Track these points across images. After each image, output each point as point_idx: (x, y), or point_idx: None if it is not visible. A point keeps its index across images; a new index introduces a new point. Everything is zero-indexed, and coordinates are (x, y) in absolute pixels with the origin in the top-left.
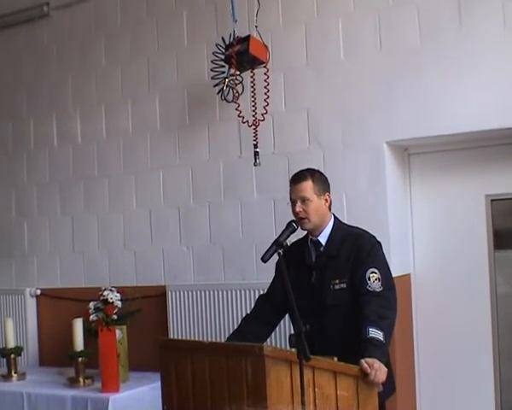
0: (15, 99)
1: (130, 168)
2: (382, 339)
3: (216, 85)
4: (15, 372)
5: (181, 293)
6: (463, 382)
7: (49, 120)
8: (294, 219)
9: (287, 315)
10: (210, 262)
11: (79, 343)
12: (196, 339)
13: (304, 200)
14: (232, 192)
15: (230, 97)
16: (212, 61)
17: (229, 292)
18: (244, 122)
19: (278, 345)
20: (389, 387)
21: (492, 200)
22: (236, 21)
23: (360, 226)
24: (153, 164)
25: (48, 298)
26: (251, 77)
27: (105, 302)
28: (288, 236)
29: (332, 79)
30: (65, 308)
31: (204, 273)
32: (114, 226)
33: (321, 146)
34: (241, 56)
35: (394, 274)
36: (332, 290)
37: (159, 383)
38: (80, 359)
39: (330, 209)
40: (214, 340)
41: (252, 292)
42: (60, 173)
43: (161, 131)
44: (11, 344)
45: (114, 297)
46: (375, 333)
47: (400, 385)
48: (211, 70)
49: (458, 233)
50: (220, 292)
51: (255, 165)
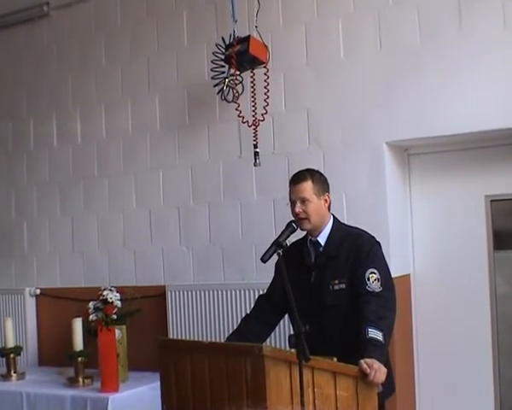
0: (15, 99)
1: (129, 168)
2: (382, 339)
3: (216, 85)
4: (15, 372)
5: (180, 293)
6: (463, 382)
7: (49, 120)
8: (294, 219)
9: (286, 315)
10: (210, 262)
11: (79, 343)
12: (196, 339)
13: (303, 200)
14: (232, 192)
15: (230, 97)
16: (212, 61)
17: (228, 292)
18: (244, 122)
19: (278, 345)
20: (389, 387)
21: (492, 200)
22: (236, 21)
23: (360, 227)
24: (152, 164)
25: (47, 298)
26: (251, 77)
27: (104, 302)
28: (288, 236)
29: (332, 80)
30: (64, 308)
31: (204, 273)
32: (114, 226)
33: (321, 146)
34: (241, 56)
35: (394, 274)
36: (331, 291)
37: (158, 382)
38: (80, 358)
39: (330, 210)
40: (214, 340)
41: (251, 292)
42: (60, 173)
43: (161, 131)
44: (10, 344)
45: (114, 297)
46: (375, 333)
47: (400, 385)
48: (211, 70)
49: (458, 234)
50: (220, 292)
51: (255, 165)
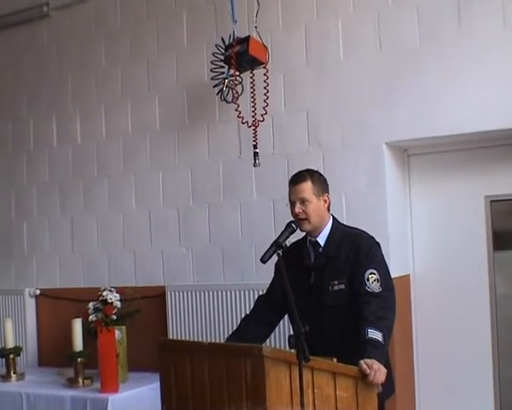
0: (15, 99)
1: (129, 169)
2: (381, 340)
3: (215, 86)
4: (14, 373)
5: (180, 293)
6: (463, 382)
7: (49, 120)
8: (293, 219)
9: (286, 316)
10: (209, 263)
11: (78, 344)
12: (196, 340)
13: (303, 201)
14: (231, 193)
15: (230, 98)
16: (212, 62)
17: (228, 293)
18: (244, 123)
19: (277, 346)
20: (388, 388)
21: (492, 201)
22: (236, 22)
23: (359, 227)
24: (152, 164)
25: (47, 298)
26: (250, 77)
27: (104, 303)
28: (288, 236)
29: (332, 80)
30: (64, 309)
31: (203, 274)
32: (114, 227)
33: (320, 147)
34: (241, 57)
35: (394, 275)
36: (331, 291)
37: (158, 383)
38: (79, 359)
39: (329, 210)
40: (213, 340)
41: (251, 293)
42: (59, 174)
43: (161, 131)
44: (10, 344)
45: (114, 298)
46: (374, 334)
47: (400, 386)
48: (210, 70)
49: (458, 234)
50: (219, 293)
51: (255, 165)
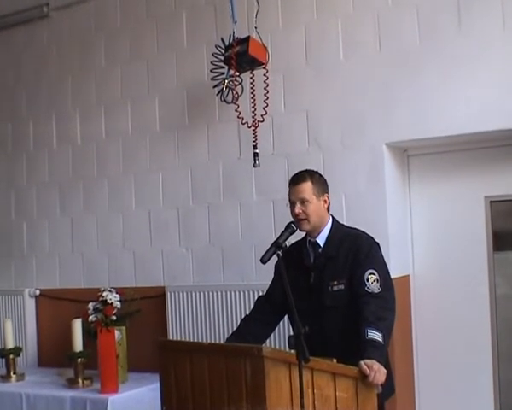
0: (15, 99)
1: (129, 169)
2: (381, 340)
3: (215, 86)
4: (14, 373)
5: (180, 294)
6: (463, 383)
7: (49, 121)
8: (293, 220)
9: (286, 316)
10: (209, 263)
11: (78, 344)
12: (195, 340)
13: (303, 201)
14: (231, 193)
15: (230, 98)
16: (212, 62)
17: (228, 293)
18: (243, 123)
19: (277, 346)
20: (388, 388)
21: (492, 201)
22: (236, 22)
23: (359, 227)
24: (152, 165)
25: (47, 299)
26: (250, 78)
27: (104, 303)
28: (288, 237)
29: (331, 80)
30: (64, 309)
31: (203, 274)
32: (114, 227)
33: (320, 147)
34: (241, 57)
35: (393, 275)
36: (330, 292)
37: (158, 384)
38: (79, 359)
39: (329, 210)
40: (213, 341)
41: (251, 293)
42: (59, 174)
43: (161, 132)
44: (10, 345)
45: (113, 298)
46: (374, 334)
47: (399, 386)
48: (210, 71)
49: (457, 234)
50: (219, 293)
51: (254, 166)
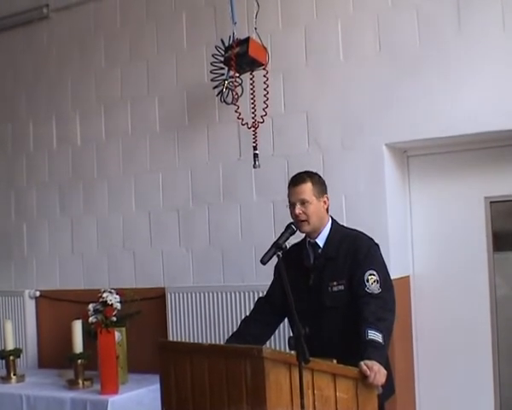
0: (15, 100)
1: (129, 170)
2: (381, 341)
3: (215, 87)
4: (14, 374)
5: (180, 295)
6: (463, 383)
7: (49, 122)
8: (293, 221)
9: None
10: (209, 264)
11: (78, 345)
12: (195, 341)
13: (303, 202)
14: (231, 194)
15: (230, 99)
16: (212, 63)
17: (228, 294)
18: (243, 124)
19: (277, 347)
20: (388, 389)
21: (491, 202)
22: (236, 23)
23: (359, 228)
24: (152, 166)
25: (47, 300)
26: (250, 79)
27: (104, 304)
28: (288, 238)
29: (331, 81)
30: (64, 310)
31: (203, 275)
32: (114, 228)
33: (320, 148)
34: (241, 58)
35: (393, 276)
36: (330, 292)
37: (158, 385)
38: (79, 361)
39: (328, 211)
40: (213, 342)
41: (251, 294)
42: (59, 175)
43: (161, 132)
44: (10, 346)
45: (114, 299)
46: (374, 335)
47: (400, 386)
48: (210, 72)
49: (457, 235)
50: (219, 294)
51: (254, 167)
